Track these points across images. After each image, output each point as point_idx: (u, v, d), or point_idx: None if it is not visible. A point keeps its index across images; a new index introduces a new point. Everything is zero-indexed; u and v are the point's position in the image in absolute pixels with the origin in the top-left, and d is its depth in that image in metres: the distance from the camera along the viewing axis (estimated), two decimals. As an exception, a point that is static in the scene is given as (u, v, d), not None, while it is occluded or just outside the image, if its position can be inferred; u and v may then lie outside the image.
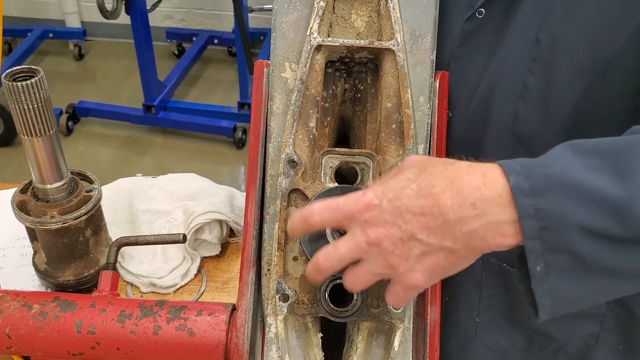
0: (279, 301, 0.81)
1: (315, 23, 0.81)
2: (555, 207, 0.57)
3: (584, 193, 0.57)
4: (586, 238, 0.57)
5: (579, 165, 0.58)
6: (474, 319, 0.97)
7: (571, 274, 0.60)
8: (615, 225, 0.57)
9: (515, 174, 0.59)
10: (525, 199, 0.58)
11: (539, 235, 0.58)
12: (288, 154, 0.81)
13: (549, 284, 0.60)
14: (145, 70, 3.28)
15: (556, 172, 0.59)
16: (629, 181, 0.56)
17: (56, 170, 1.05)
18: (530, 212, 0.58)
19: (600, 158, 0.59)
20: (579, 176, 0.58)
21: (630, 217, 0.56)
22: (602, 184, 0.57)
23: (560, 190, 0.58)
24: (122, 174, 1.48)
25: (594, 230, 0.57)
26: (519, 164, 0.60)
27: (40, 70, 0.97)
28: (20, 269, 1.25)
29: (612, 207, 0.56)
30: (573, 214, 0.57)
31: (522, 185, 0.58)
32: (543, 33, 0.78)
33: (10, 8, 4.21)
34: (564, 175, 0.58)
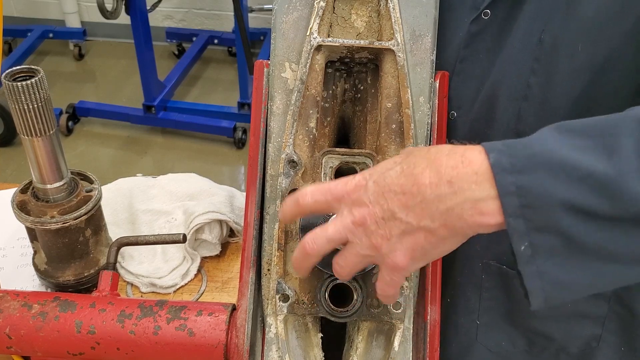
0: (279, 301, 0.81)
1: (315, 23, 0.81)
2: (538, 184, 0.57)
3: (568, 170, 0.56)
4: (572, 216, 0.56)
5: (565, 144, 0.58)
6: (475, 322, 0.97)
7: (561, 256, 0.58)
8: (602, 203, 0.55)
9: (497, 152, 0.59)
10: (506, 176, 0.57)
11: (521, 213, 0.57)
12: (288, 154, 0.81)
13: (537, 266, 0.59)
14: (145, 70, 3.28)
15: (540, 150, 0.58)
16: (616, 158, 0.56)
17: (56, 170, 1.05)
18: (511, 189, 0.57)
19: (587, 137, 0.58)
20: (563, 154, 0.57)
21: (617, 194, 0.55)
22: (587, 161, 0.56)
23: (543, 167, 0.57)
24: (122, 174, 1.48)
25: (580, 207, 0.56)
26: (502, 143, 0.60)
27: (40, 70, 0.97)
28: (20, 269, 1.25)
29: (598, 184, 0.55)
30: (557, 191, 0.56)
31: (503, 163, 0.58)
32: (546, 33, 0.78)
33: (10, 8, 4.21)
34: (547, 154, 0.57)
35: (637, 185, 0.54)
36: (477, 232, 0.61)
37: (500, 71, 0.84)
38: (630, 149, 0.55)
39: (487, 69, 0.85)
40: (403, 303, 0.80)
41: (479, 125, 0.88)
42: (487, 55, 0.85)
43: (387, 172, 0.64)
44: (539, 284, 0.59)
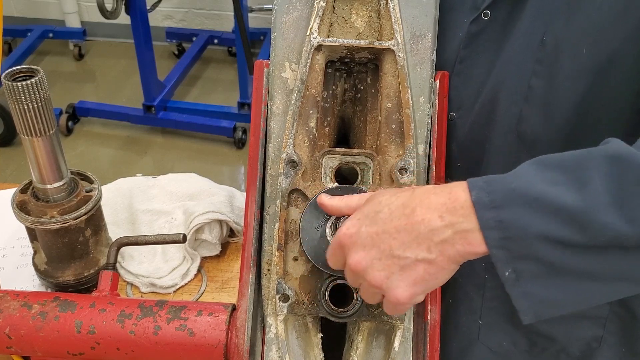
0: (279, 301, 0.81)
1: (315, 23, 0.80)
2: (515, 218, 0.61)
3: (542, 204, 0.61)
4: (548, 246, 0.61)
5: (541, 179, 0.62)
6: (476, 321, 0.97)
7: (544, 279, 0.63)
8: (575, 233, 0.60)
9: (478, 189, 0.64)
10: (486, 212, 0.62)
11: (502, 244, 0.62)
12: (288, 154, 0.81)
13: (522, 289, 0.64)
14: (145, 70, 3.28)
15: (517, 186, 0.62)
16: (585, 190, 0.60)
17: (56, 170, 1.05)
18: (491, 224, 0.62)
19: (562, 171, 0.62)
20: (538, 189, 0.61)
21: (587, 225, 0.59)
22: (560, 194, 0.60)
23: (519, 202, 0.61)
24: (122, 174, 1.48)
25: (554, 238, 0.60)
26: (483, 180, 0.64)
27: (40, 70, 0.97)
28: (20, 269, 1.25)
29: (569, 216, 0.60)
30: (532, 224, 0.61)
31: (483, 199, 0.63)
32: (548, 35, 0.78)
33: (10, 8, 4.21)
34: (523, 189, 0.62)
35: (604, 217, 0.59)
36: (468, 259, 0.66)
37: (501, 72, 0.83)
38: (598, 183, 0.60)
39: (488, 70, 0.85)
40: (403, 303, 0.80)
41: (479, 127, 0.88)
42: (487, 56, 0.85)
43: (377, 215, 0.68)
44: (527, 303, 0.65)
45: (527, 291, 0.64)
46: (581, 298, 0.65)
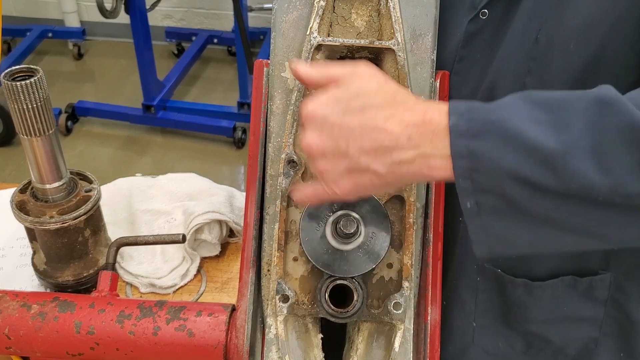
0: (279, 302, 0.81)
1: (315, 22, 0.80)
2: (488, 151, 0.60)
3: (519, 141, 0.59)
4: (516, 184, 0.59)
5: (524, 115, 0.60)
6: (471, 324, 0.96)
7: (504, 214, 0.62)
8: (546, 176, 0.58)
9: (458, 115, 0.62)
10: (460, 140, 0.61)
11: (469, 175, 0.61)
12: (288, 154, 0.81)
13: (481, 221, 0.63)
14: (145, 69, 3.27)
15: (497, 118, 0.61)
16: (564, 134, 0.58)
17: (55, 170, 1.05)
18: (463, 152, 0.60)
19: (546, 110, 0.60)
20: (518, 125, 0.59)
21: (561, 169, 0.58)
22: (539, 135, 0.58)
23: (496, 135, 0.60)
24: (121, 173, 1.48)
25: (524, 178, 0.59)
26: (465, 106, 0.63)
27: (40, 69, 0.97)
28: (20, 269, 1.25)
29: (544, 158, 0.58)
30: (504, 160, 0.59)
31: (460, 127, 0.61)
32: (542, 33, 0.78)
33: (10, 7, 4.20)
34: (503, 122, 0.60)
35: (579, 162, 0.57)
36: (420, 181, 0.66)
37: (497, 71, 0.83)
38: (580, 127, 0.58)
39: (485, 68, 0.85)
40: (403, 304, 0.80)
41: None
42: (485, 55, 0.85)
43: (349, 104, 0.64)
44: (483, 237, 0.64)
45: (485, 225, 0.63)
46: (539, 243, 0.64)
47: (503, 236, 0.63)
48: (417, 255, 0.83)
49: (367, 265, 0.78)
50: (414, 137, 0.62)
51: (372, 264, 0.79)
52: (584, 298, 0.90)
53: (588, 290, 0.90)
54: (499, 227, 0.63)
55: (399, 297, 0.80)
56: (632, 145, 0.57)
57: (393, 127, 0.62)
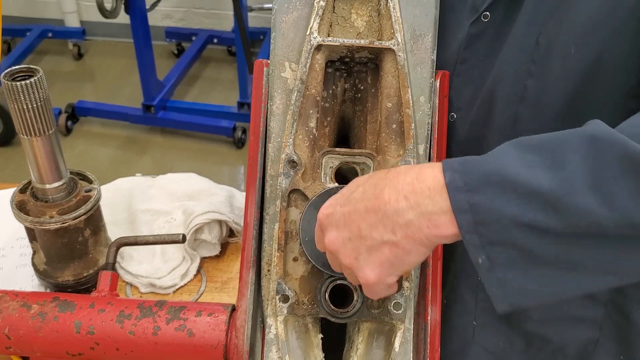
0: (279, 302, 0.81)
1: (315, 23, 0.80)
2: (488, 202, 0.59)
3: (518, 187, 0.59)
4: (523, 231, 0.59)
5: (518, 161, 0.60)
6: (471, 322, 0.97)
7: (520, 267, 0.61)
8: (550, 217, 0.58)
9: (452, 171, 0.62)
10: (460, 195, 0.61)
11: (475, 229, 0.60)
12: (288, 154, 0.81)
13: (496, 276, 0.62)
14: (145, 69, 3.27)
15: (492, 168, 0.61)
16: (561, 173, 0.58)
17: (55, 170, 1.05)
18: (464, 207, 0.60)
19: (540, 153, 0.60)
20: (514, 171, 0.59)
21: (564, 209, 0.57)
22: (536, 178, 0.58)
23: (494, 185, 0.60)
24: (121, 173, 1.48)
25: (529, 223, 0.58)
26: (458, 162, 0.63)
27: (40, 69, 0.97)
28: (20, 269, 1.25)
29: (545, 200, 0.58)
30: (506, 208, 0.59)
31: (457, 182, 0.61)
32: (543, 36, 0.78)
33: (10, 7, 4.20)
34: (499, 171, 0.60)
35: (581, 200, 0.57)
36: (438, 243, 0.65)
37: (498, 73, 0.83)
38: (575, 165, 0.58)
39: (486, 70, 0.85)
40: (403, 304, 0.80)
41: (477, 127, 0.88)
42: (487, 57, 0.85)
43: (351, 195, 0.68)
44: (501, 292, 0.63)
45: (501, 279, 0.62)
46: (559, 289, 0.63)
47: (521, 288, 0.62)
48: (417, 255, 0.83)
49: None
50: (410, 197, 0.63)
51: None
52: (584, 300, 0.90)
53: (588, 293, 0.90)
54: (516, 279, 0.62)
55: (399, 297, 0.80)
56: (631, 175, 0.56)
57: (390, 193, 0.64)
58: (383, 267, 0.66)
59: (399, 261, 0.66)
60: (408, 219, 0.63)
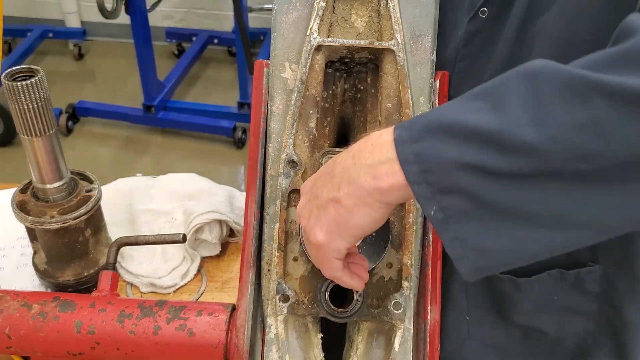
0: (279, 302, 0.81)
1: (315, 23, 0.80)
2: (432, 149, 0.58)
3: (457, 131, 0.58)
4: (470, 174, 0.57)
5: (461, 108, 0.60)
6: (464, 318, 0.97)
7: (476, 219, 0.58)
8: (493, 157, 0.56)
9: (401, 128, 0.62)
10: (405, 147, 0.60)
11: (423, 178, 0.59)
12: (288, 154, 0.81)
13: (454, 232, 0.59)
14: (145, 70, 3.27)
15: (434, 117, 0.60)
16: (502, 112, 0.56)
17: (56, 170, 1.05)
18: (410, 158, 0.60)
19: (483, 98, 0.59)
20: (456, 117, 0.58)
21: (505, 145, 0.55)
22: (476, 119, 0.57)
23: (437, 132, 0.59)
24: (121, 173, 1.48)
25: (473, 164, 0.56)
26: (408, 120, 0.63)
27: (40, 70, 0.97)
28: (20, 269, 1.25)
29: (485, 139, 0.56)
30: (449, 152, 0.57)
31: (403, 136, 0.61)
32: (537, 27, 0.79)
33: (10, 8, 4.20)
34: (441, 119, 0.60)
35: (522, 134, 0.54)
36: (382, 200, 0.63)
37: (495, 67, 0.84)
38: (514, 102, 0.56)
39: (485, 66, 0.86)
40: (403, 303, 0.80)
41: None
42: (485, 52, 0.86)
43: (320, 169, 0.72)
44: (461, 250, 0.59)
45: (459, 236, 0.59)
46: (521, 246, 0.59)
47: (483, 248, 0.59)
48: (416, 255, 0.83)
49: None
50: (357, 154, 0.64)
51: (372, 263, 0.79)
52: (575, 290, 0.90)
53: (577, 283, 0.90)
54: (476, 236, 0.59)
55: (398, 297, 0.80)
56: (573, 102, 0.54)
57: (342, 156, 0.66)
58: (329, 227, 0.66)
59: (343, 221, 0.65)
60: (350, 175, 0.64)
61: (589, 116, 0.53)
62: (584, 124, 0.54)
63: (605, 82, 0.53)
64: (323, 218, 0.67)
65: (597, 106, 0.53)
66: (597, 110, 0.53)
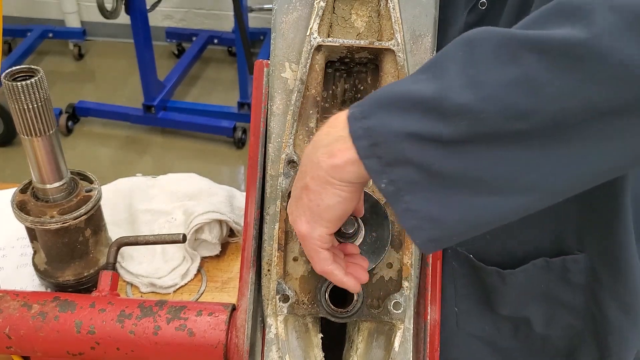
0: (279, 302, 0.81)
1: (315, 23, 0.80)
2: (378, 122, 0.59)
3: (402, 103, 0.58)
4: (415, 143, 0.57)
5: (406, 82, 0.61)
6: (453, 309, 0.97)
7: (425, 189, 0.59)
8: (435, 124, 0.56)
9: (354, 106, 0.63)
10: (356, 123, 0.61)
11: (372, 152, 0.60)
12: (288, 154, 0.81)
13: (405, 203, 0.59)
14: (145, 70, 3.28)
15: (381, 93, 0.61)
16: (440, 80, 0.57)
17: (56, 170, 1.05)
18: (359, 133, 0.60)
19: (426, 70, 0.60)
20: (400, 90, 0.59)
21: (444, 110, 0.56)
22: (417, 89, 0.58)
23: (384, 107, 0.60)
24: (121, 173, 1.48)
25: (417, 133, 0.57)
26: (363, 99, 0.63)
27: (40, 70, 0.97)
28: (20, 269, 1.25)
29: (425, 107, 0.57)
30: (394, 123, 0.58)
31: (355, 113, 0.62)
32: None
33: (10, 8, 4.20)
34: (387, 93, 0.61)
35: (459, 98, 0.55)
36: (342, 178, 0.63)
37: None
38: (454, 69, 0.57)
39: None
40: (403, 303, 0.80)
41: None
42: None
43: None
44: (414, 221, 0.60)
45: (411, 207, 0.59)
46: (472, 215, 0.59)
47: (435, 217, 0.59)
48: (416, 255, 0.83)
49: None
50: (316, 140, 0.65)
51: (372, 263, 0.79)
52: (560, 280, 0.91)
53: (562, 272, 0.90)
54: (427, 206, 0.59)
55: (398, 297, 0.80)
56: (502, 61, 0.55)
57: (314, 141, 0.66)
58: (306, 216, 0.67)
59: (315, 207, 0.65)
60: (311, 159, 0.65)
61: (520, 73, 0.54)
62: (515, 80, 0.54)
63: (532, 37, 0.54)
64: (300, 208, 0.67)
65: (527, 62, 0.53)
66: (526, 66, 0.53)
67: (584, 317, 0.93)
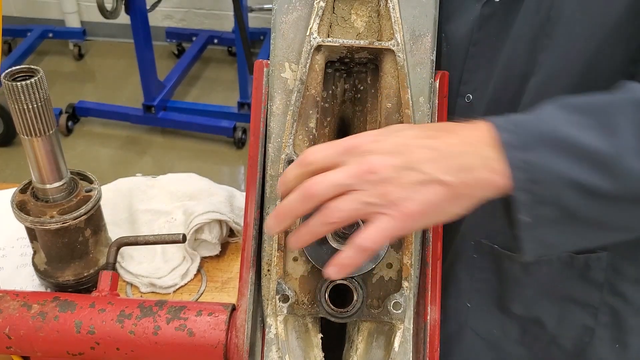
0: (279, 302, 0.81)
1: (315, 23, 0.80)
2: (544, 161, 0.60)
3: (572, 148, 0.60)
4: (574, 192, 0.60)
5: (567, 122, 0.61)
6: (465, 304, 0.97)
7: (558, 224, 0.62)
8: (604, 180, 0.59)
9: (503, 130, 0.62)
10: (515, 152, 0.61)
11: (528, 187, 0.61)
12: (288, 154, 0.81)
13: (536, 234, 0.63)
14: (145, 70, 3.28)
15: (545, 129, 0.62)
16: (614, 138, 0.59)
17: (56, 170, 1.05)
18: (519, 164, 0.61)
19: (587, 115, 0.61)
20: (567, 132, 0.60)
21: (617, 172, 0.58)
22: (589, 139, 0.59)
23: (549, 145, 0.60)
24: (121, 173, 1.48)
25: (582, 184, 0.59)
26: (511, 123, 0.63)
27: (40, 70, 0.97)
28: (20, 269, 1.25)
29: (600, 163, 0.59)
30: (562, 168, 0.60)
31: (513, 141, 0.62)
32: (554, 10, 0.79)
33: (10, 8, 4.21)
34: (552, 132, 0.61)
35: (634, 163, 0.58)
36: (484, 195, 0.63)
37: (511, 50, 0.84)
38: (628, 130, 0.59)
39: (499, 49, 0.86)
40: (403, 303, 0.80)
41: (494, 106, 0.88)
42: (499, 36, 0.86)
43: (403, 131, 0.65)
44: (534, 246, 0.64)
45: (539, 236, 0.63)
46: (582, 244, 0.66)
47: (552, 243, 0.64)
48: (416, 255, 0.83)
49: (366, 265, 0.78)
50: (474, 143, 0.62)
51: (372, 264, 0.79)
52: (580, 279, 0.91)
53: (584, 270, 0.90)
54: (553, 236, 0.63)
55: (398, 297, 0.80)
56: None
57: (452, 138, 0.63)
58: (428, 205, 0.61)
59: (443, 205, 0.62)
60: (468, 162, 0.61)
61: None
62: None
63: None
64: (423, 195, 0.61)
65: None
66: None
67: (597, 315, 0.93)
